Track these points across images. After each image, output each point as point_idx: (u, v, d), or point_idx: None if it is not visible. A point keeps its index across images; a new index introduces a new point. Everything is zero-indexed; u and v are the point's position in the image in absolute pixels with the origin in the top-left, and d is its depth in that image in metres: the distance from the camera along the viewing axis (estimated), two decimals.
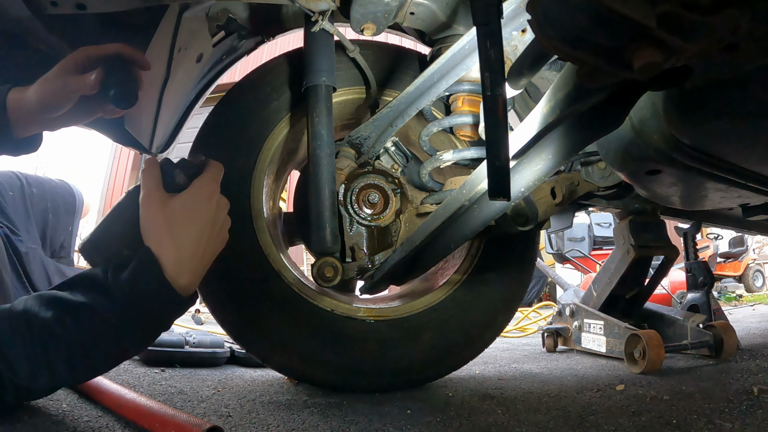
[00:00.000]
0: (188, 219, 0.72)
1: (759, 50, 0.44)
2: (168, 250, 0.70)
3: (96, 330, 0.67)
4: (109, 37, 1.05)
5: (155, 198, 0.72)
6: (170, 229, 0.71)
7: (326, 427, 0.81)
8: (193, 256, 0.72)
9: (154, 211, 0.71)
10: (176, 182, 0.75)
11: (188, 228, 0.72)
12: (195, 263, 0.73)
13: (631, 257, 1.57)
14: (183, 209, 0.72)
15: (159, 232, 0.71)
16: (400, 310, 1.13)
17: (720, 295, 6.27)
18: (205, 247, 0.74)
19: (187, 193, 0.73)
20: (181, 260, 0.71)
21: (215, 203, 0.75)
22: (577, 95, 0.59)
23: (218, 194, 0.76)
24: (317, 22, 1.01)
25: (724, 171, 0.75)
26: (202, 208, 0.73)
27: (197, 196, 0.74)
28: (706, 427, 0.77)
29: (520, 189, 0.77)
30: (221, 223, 0.76)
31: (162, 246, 0.70)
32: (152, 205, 0.72)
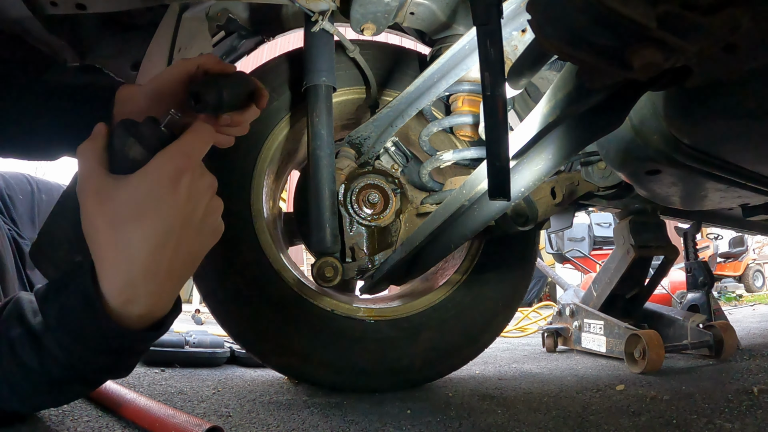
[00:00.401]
0: (141, 219, 0.48)
1: (759, 50, 0.44)
2: (113, 268, 0.49)
3: (48, 365, 0.52)
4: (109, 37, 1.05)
5: (90, 184, 0.49)
6: (115, 236, 0.48)
7: (326, 427, 0.81)
8: (152, 272, 0.49)
9: (92, 206, 0.49)
10: (128, 157, 0.50)
11: (142, 233, 0.48)
12: (156, 282, 0.50)
13: (631, 257, 1.57)
14: (133, 205, 0.48)
15: (100, 239, 0.49)
16: (400, 310, 1.13)
17: (720, 295, 6.27)
18: (171, 256, 0.50)
19: (139, 176, 0.48)
20: (133, 281, 0.49)
21: (185, 188, 0.49)
22: (577, 95, 0.59)
23: (191, 174, 0.50)
24: (317, 22, 1.01)
25: (724, 171, 0.75)
26: (163, 198, 0.48)
27: (154, 180, 0.48)
28: (706, 427, 0.77)
29: (520, 189, 0.77)
30: (201, 216, 0.52)
31: (105, 261, 0.49)
32: (87, 195, 0.49)
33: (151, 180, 0.48)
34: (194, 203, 0.51)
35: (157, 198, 0.48)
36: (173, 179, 0.48)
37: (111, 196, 0.48)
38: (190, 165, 0.50)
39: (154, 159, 0.49)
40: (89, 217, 0.50)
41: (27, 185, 1.29)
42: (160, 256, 0.49)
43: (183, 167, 0.49)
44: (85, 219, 0.50)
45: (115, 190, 0.48)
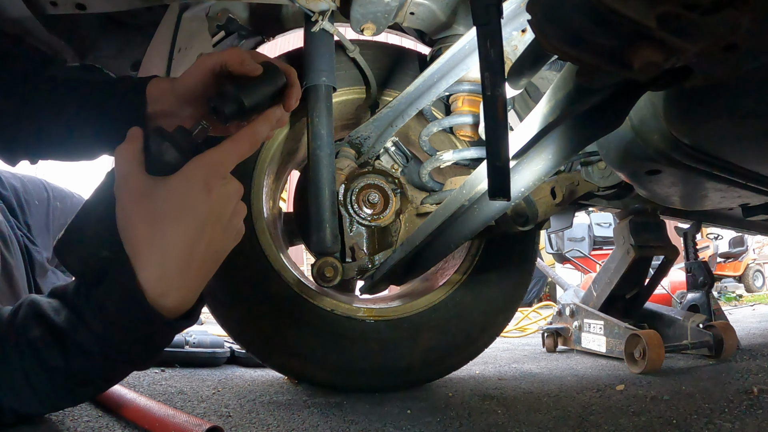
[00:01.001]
0: (176, 217, 0.53)
1: (759, 50, 0.44)
2: (148, 261, 0.53)
3: (75, 363, 0.54)
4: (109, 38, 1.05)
5: (132, 185, 0.53)
6: (151, 232, 0.52)
7: (326, 427, 0.81)
8: (184, 267, 0.54)
9: (130, 203, 0.53)
10: (164, 161, 0.54)
11: (176, 230, 0.53)
12: (187, 276, 0.55)
13: (631, 257, 1.57)
14: (169, 203, 0.52)
15: (137, 235, 0.53)
16: (400, 310, 1.13)
17: (720, 295, 6.27)
18: (202, 253, 0.55)
19: (177, 178, 0.53)
20: (167, 275, 0.53)
21: (217, 192, 0.54)
22: (577, 95, 0.59)
23: (222, 178, 0.55)
24: (317, 22, 1.01)
25: (724, 171, 0.75)
26: (198, 200, 0.53)
27: (190, 184, 0.53)
28: (706, 427, 0.77)
29: (520, 189, 0.77)
30: (228, 217, 0.57)
31: (141, 255, 0.53)
32: (128, 196, 0.53)
33: (188, 182, 0.53)
34: (224, 205, 0.56)
35: (192, 199, 0.53)
36: (207, 183, 0.54)
37: (149, 195, 0.53)
38: (223, 172, 0.55)
39: (191, 163, 0.54)
40: (127, 214, 0.53)
41: (43, 191, 1.29)
42: (192, 252, 0.54)
43: (216, 173, 0.54)
44: (122, 215, 0.54)
45: (153, 189, 0.53)
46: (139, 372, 1.26)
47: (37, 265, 1.19)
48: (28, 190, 1.24)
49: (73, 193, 1.39)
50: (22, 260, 1.13)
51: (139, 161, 0.54)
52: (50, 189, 1.31)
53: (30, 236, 1.20)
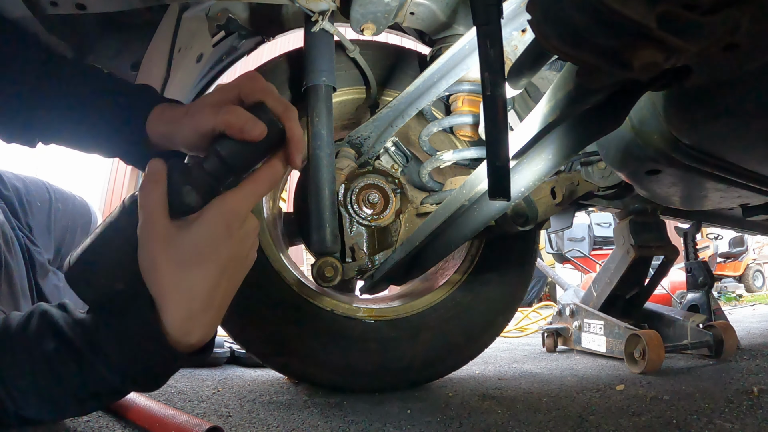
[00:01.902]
0: (200, 262, 0.54)
1: (759, 50, 0.44)
2: (175, 304, 0.54)
3: (89, 379, 0.55)
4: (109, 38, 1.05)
5: (157, 230, 0.54)
6: (177, 276, 0.54)
7: (326, 427, 0.81)
8: (208, 306, 0.56)
9: (156, 248, 0.54)
10: (185, 202, 0.55)
11: (202, 274, 0.54)
12: (210, 314, 0.57)
13: (631, 257, 1.57)
14: (193, 249, 0.54)
15: (162, 279, 0.54)
16: (400, 310, 1.13)
17: (720, 295, 6.27)
18: (224, 290, 0.57)
19: (200, 225, 0.54)
20: (193, 315, 0.55)
21: (237, 234, 0.56)
22: (577, 95, 0.59)
23: (243, 219, 0.56)
24: (317, 22, 1.01)
25: (724, 171, 0.75)
26: (220, 244, 0.55)
27: (213, 230, 0.54)
28: (706, 427, 0.77)
29: (520, 189, 0.77)
30: (247, 253, 0.59)
31: (167, 298, 0.54)
32: (153, 240, 0.54)
33: (210, 229, 0.54)
34: (243, 245, 0.57)
35: (215, 243, 0.55)
36: (228, 227, 0.55)
37: (174, 241, 0.54)
38: (243, 215, 0.56)
39: (213, 209, 0.55)
40: (152, 259, 0.54)
41: (45, 193, 1.29)
42: (215, 292, 0.56)
43: (237, 217, 0.55)
44: (147, 259, 0.55)
45: (177, 236, 0.54)
46: None
47: (38, 265, 1.18)
48: (31, 191, 1.24)
49: (75, 195, 1.39)
50: (23, 261, 1.13)
51: (163, 206, 0.55)
52: (52, 191, 1.31)
53: (31, 237, 1.20)
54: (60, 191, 1.34)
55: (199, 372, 1.36)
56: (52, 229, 1.27)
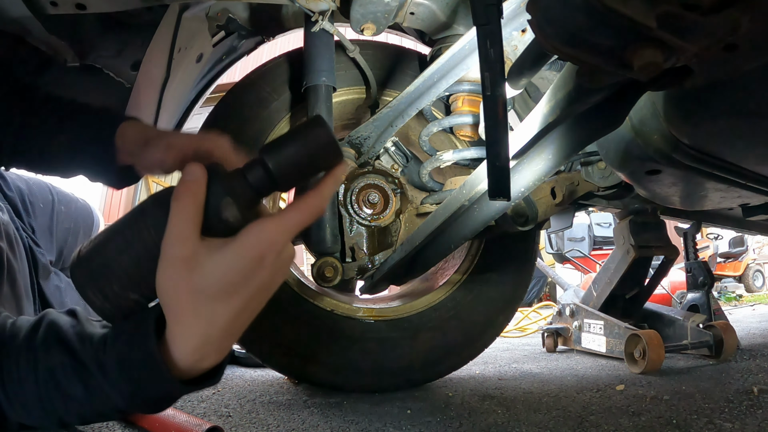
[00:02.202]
0: (230, 294, 0.48)
1: (759, 50, 0.44)
2: (191, 331, 0.49)
3: (95, 398, 0.52)
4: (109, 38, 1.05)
5: (185, 250, 0.47)
6: (199, 305, 0.48)
7: (326, 427, 0.81)
8: (228, 334, 0.51)
9: (180, 270, 0.48)
10: (222, 218, 0.48)
11: (227, 305, 0.49)
12: (227, 342, 0.52)
13: (631, 257, 1.57)
14: (224, 280, 0.48)
15: (181, 304, 0.49)
16: (400, 310, 1.13)
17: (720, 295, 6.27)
18: (246, 319, 0.52)
19: (233, 252, 0.48)
20: (208, 343, 0.50)
21: (272, 265, 0.49)
22: (577, 95, 0.59)
23: (281, 250, 0.49)
24: (317, 22, 1.01)
25: (724, 171, 0.75)
26: (252, 275, 0.49)
27: (247, 260, 0.48)
28: (706, 427, 0.77)
29: (520, 189, 0.77)
30: (277, 281, 0.53)
31: (183, 323, 0.49)
32: (179, 260, 0.48)
33: (245, 258, 0.48)
34: (276, 276, 0.51)
35: (247, 275, 0.48)
36: (264, 258, 0.48)
37: (201, 266, 0.47)
38: (282, 246, 0.49)
39: (250, 236, 0.48)
40: (174, 281, 0.48)
41: (48, 194, 1.29)
42: (238, 321, 0.50)
43: (275, 248, 0.49)
44: (167, 279, 0.49)
45: (206, 260, 0.47)
46: None
47: (40, 266, 1.18)
48: (34, 192, 1.24)
49: (77, 198, 1.39)
50: (26, 262, 1.13)
51: (196, 223, 0.48)
52: (55, 192, 1.31)
53: (34, 238, 1.20)
54: (63, 193, 1.34)
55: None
56: (54, 231, 1.27)
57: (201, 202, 0.48)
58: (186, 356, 0.50)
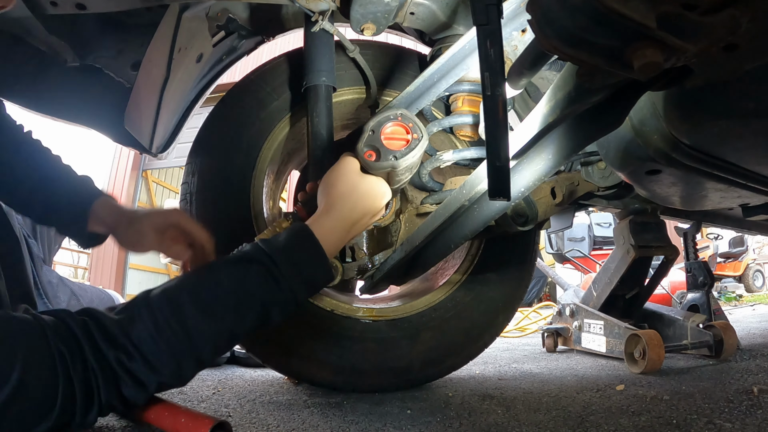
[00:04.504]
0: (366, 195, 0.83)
1: (759, 50, 0.44)
2: (333, 213, 0.80)
3: (283, 294, 0.72)
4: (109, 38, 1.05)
5: (352, 166, 0.85)
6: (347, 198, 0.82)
7: (326, 427, 0.81)
8: (347, 231, 0.82)
9: (345, 174, 0.84)
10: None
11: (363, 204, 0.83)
12: (342, 240, 0.82)
13: (631, 257, 1.57)
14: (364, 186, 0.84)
15: (343, 201, 0.82)
16: (400, 310, 1.13)
17: (720, 295, 6.28)
18: (358, 228, 0.84)
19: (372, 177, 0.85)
20: (336, 228, 0.80)
21: (387, 192, 0.87)
22: (577, 95, 0.59)
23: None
24: (317, 22, 1.01)
25: (724, 171, 0.75)
26: (382, 192, 0.86)
27: (379, 181, 0.86)
28: (706, 427, 0.77)
29: (520, 189, 0.77)
30: (380, 211, 0.86)
31: (333, 207, 0.81)
32: (345, 171, 0.84)
33: (378, 180, 0.86)
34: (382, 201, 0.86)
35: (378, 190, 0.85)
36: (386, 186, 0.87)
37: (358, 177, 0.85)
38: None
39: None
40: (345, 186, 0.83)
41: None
42: (357, 222, 0.83)
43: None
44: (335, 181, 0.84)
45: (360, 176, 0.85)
46: None
47: (36, 259, 1.19)
48: None
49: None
50: (27, 255, 1.13)
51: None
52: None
53: (26, 231, 1.21)
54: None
55: (199, 372, 1.35)
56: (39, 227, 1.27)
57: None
58: (326, 241, 0.77)
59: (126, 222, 0.90)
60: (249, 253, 0.73)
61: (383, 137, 0.85)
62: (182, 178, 1.11)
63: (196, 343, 0.66)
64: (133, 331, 0.63)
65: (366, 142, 0.85)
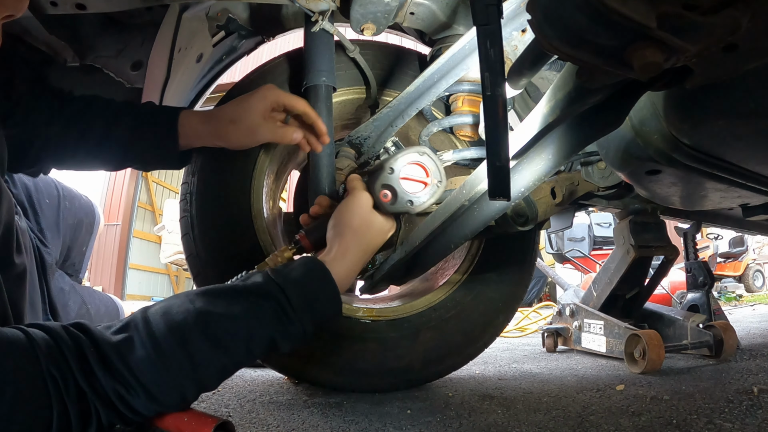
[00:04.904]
0: (375, 236, 0.86)
1: (759, 50, 0.44)
2: (347, 259, 0.82)
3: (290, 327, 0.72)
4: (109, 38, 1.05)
5: (366, 205, 0.87)
6: (360, 242, 0.84)
7: (326, 427, 0.81)
8: (356, 269, 0.84)
9: (360, 214, 0.85)
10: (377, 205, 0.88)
11: (371, 245, 0.86)
12: (352, 276, 0.84)
13: (631, 257, 1.57)
14: (377, 227, 0.87)
15: (348, 237, 0.84)
16: (400, 310, 1.13)
17: (720, 295, 6.28)
18: (364, 263, 0.86)
19: (383, 217, 0.88)
20: (350, 273, 0.82)
21: (390, 228, 0.91)
22: (577, 95, 0.59)
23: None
24: (317, 22, 1.01)
25: (724, 171, 0.75)
26: (386, 228, 0.90)
27: (387, 221, 0.89)
28: (706, 427, 0.77)
29: (520, 189, 0.77)
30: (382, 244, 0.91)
31: (347, 253, 0.82)
32: (360, 211, 0.85)
33: (386, 221, 0.89)
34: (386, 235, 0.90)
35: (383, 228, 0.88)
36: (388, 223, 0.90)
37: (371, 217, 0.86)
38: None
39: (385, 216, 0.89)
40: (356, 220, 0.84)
41: (54, 190, 1.28)
42: (364, 260, 0.85)
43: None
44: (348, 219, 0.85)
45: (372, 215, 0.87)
46: None
47: (48, 267, 1.18)
48: (40, 188, 1.23)
49: (80, 194, 1.38)
50: (35, 264, 1.12)
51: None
52: (60, 188, 1.30)
53: (41, 237, 1.19)
54: (67, 189, 1.33)
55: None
56: (61, 227, 1.26)
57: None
58: (340, 282, 0.78)
59: (227, 121, 0.89)
60: (263, 287, 0.72)
61: (401, 177, 0.84)
62: (182, 178, 1.11)
63: (201, 375, 0.64)
64: (132, 358, 0.59)
65: (383, 181, 0.84)
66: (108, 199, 9.43)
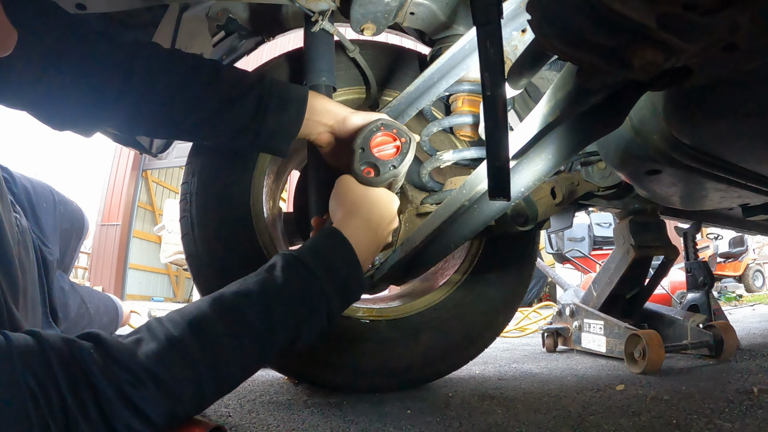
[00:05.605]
0: (383, 209, 0.84)
1: (759, 50, 0.44)
2: (356, 233, 0.79)
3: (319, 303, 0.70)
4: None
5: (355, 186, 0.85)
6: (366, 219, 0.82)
7: (326, 427, 0.81)
8: (372, 248, 0.82)
9: (354, 194, 0.84)
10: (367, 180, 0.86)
11: (382, 221, 0.84)
12: (369, 256, 0.82)
13: (631, 257, 1.57)
14: (382, 203, 0.85)
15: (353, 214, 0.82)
16: (400, 310, 1.13)
17: (720, 295, 6.28)
18: (379, 242, 0.84)
19: (383, 190, 0.86)
20: (362, 246, 0.79)
21: (395, 203, 0.88)
22: (577, 95, 0.59)
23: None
24: (317, 22, 1.01)
25: (724, 171, 0.75)
26: (392, 205, 0.87)
27: (389, 195, 0.86)
28: (706, 427, 0.77)
29: (520, 189, 0.77)
30: (394, 220, 0.88)
31: (350, 228, 0.79)
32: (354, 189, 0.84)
33: (388, 194, 0.86)
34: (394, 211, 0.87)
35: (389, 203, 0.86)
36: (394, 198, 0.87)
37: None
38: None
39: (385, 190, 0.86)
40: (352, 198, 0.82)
41: (50, 194, 1.28)
42: (377, 236, 0.83)
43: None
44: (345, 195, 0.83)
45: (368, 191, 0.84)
46: None
47: (49, 266, 1.18)
48: (38, 191, 1.24)
49: (71, 200, 1.39)
50: (36, 264, 1.12)
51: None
52: (55, 194, 1.30)
53: (42, 237, 1.20)
54: (60, 195, 1.34)
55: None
56: (58, 231, 1.27)
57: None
58: (363, 260, 0.77)
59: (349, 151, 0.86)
60: (273, 262, 0.70)
61: (375, 151, 0.85)
62: (182, 178, 1.11)
63: (219, 360, 0.58)
64: (141, 350, 0.54)
65: (360, 160, 0.85)
66: (108, 199, 9.44)
